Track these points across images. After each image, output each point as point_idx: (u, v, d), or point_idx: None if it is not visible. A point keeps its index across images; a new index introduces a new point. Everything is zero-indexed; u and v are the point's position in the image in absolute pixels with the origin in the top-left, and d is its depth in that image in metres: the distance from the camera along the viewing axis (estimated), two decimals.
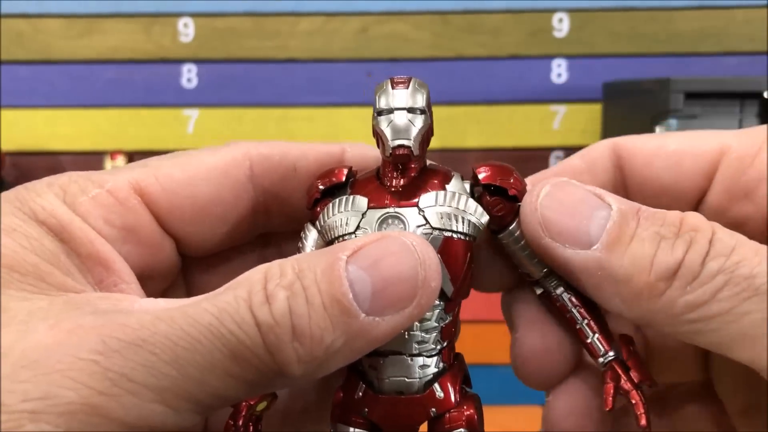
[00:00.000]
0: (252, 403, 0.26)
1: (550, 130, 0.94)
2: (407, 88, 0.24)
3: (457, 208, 0.24)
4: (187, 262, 0.29)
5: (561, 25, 0.92)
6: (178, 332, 0.20)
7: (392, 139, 0.24)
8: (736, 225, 0.23)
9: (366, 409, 0.25)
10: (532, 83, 0.93)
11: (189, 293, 0.29)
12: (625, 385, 0.25)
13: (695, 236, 0.22)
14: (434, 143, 0.26)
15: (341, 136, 0.92)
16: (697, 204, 0.26)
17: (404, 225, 0.24)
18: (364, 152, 0.27)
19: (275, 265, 0.21)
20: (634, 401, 0.24)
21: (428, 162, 0.26)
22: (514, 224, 0.25)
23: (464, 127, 0.92)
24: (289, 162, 0.27)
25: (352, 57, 0.91)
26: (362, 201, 0.25)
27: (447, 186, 0.25)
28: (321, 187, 0.26)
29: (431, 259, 0.22)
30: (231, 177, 0.27)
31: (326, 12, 0.92)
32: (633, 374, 0.25)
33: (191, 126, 0.93)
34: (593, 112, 0.93)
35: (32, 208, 0.23)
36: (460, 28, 0.92)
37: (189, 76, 0.93)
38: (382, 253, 0.21)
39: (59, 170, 0.26)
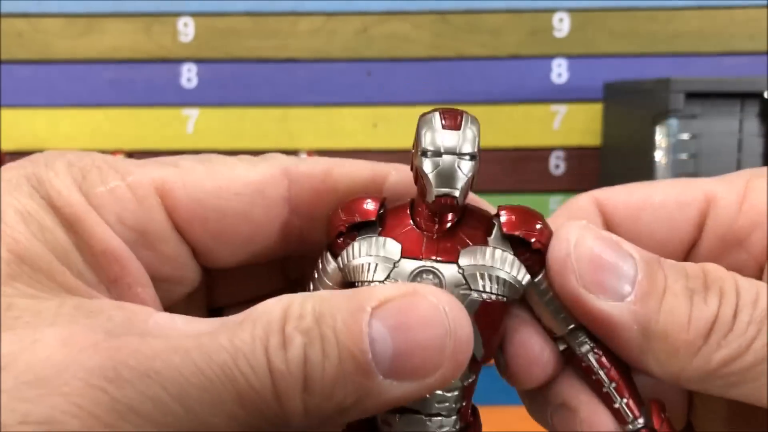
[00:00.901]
0: None
1: (551, 130, 0.94)
2: (459, 128, 0.22)
3: (500, 269, 0.22)
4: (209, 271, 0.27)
5: (561, 25, 0.92)
6: (191, 368, 0.19)
7: (437, 187, 0.21)
8: None
9: None
10: (533, 83, 0.93)
11: (209, 298, 0.28)
12: None
13: (724, 287, 0.22)
14: None
15: (341, 136, 0.92)
16: (687, 255, 0.26)
17: (440, 282, 0.22)
18: (408, 177, 0.24)
19: (296, 303, 0.20)
20: None
21: (467, 204, 0.24)
22: (539, 276, 0.23)
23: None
24: (331, 183, 0.25)
25: (352, 57, 0.91)
26: (395, 248, 0.22)
27: (489, 239, 0.23)
28: (347, 221, 0.23)
29: (463, 328, 0.20)
30: (265, 196, 0.24)
31: (326, 12, 0.91)
32: None
33: (191, 126, 0.93)
34: (593, 112, 0.93)
35: (48, 191, 0.22)
36: (460, 27, 0.92)
37: (189, 75, 0.93)
38: (410, 313, 0.20)
39: None
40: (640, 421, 0.23)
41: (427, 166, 0.21)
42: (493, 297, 0.22)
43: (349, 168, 0.25)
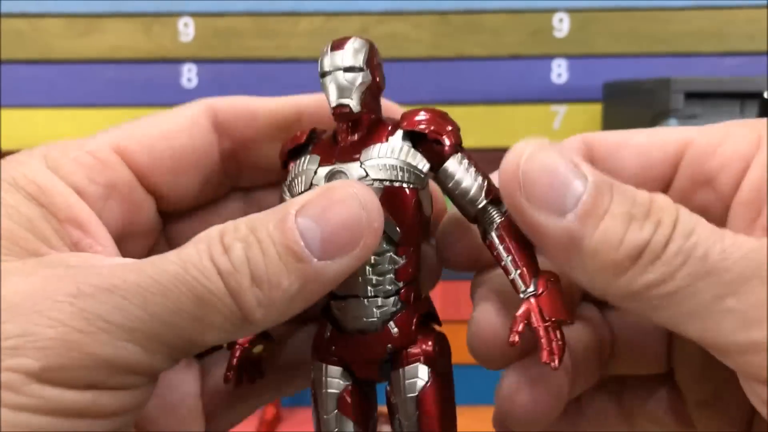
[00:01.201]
0: (245, 345, 0.29)
1: (551, 130, 0.94)
2: (344, 48, 0.26)
3: (397, 158, 0.25)
4: (169, 224, 0.30)
5: (561, 25, 0.92)
6: (147, 280, 0.21)
7: (331, 100, 0.25)
8: (699, 212, 0.23)
9: (333, 347, 0.27)
10: (533, 83, 0.93)
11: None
12: (535, 321, 0.24)
13: (662, 217, 0.22)
14: None
15: None
16: (664, 191, 0.27)
17: (348, 179, 0.25)
18: (322, 101, 0.28)
19: (229, 223, 0.23)
20: (540, 337, 0.24)
21: (385, 117, 0.27)
22: (448, 161, 0.26)
23: (464, 127, 0.91)
24: (251, 110, 0.30)
25: None
26: (315, 159, 0.26)
27: (391, 138, 0.26)
28: (283, 150, 0.28)
29: (372, 203, 0.24)
30: (199, 125, 0.29)
31: (326, 12, 0.92)
32: (546, 310, 0.24)
33: None
34: (593, 112, 0.93)
35: (12, 175, 0.25)
36: (460, 28, 0.92)
37: (189, 75, 0.93)
38: (328, 203, 0.23)
39: None
40: (530, 289, 0.25)
41: (323, 85, 0.26)
42: (395, 184, 0.25)
43: (266, 98, 0.30)
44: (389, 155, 0.26)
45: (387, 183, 0.25)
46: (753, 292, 0.21)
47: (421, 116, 0.26)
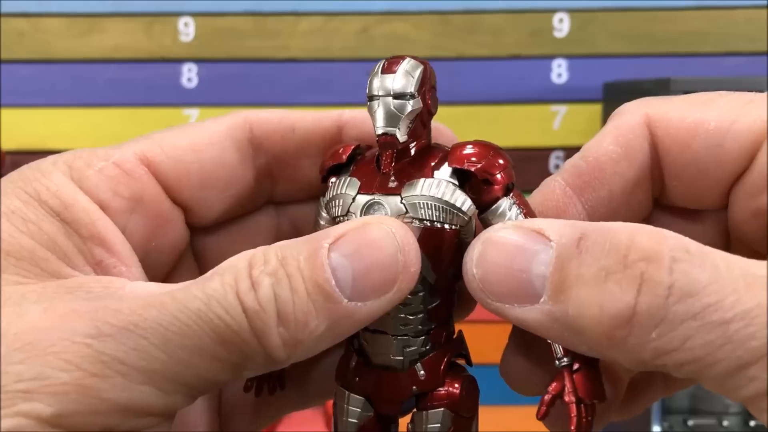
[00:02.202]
0: None
1: (551, 131, 0.94)
2: (395, 72, 0.24)
3: (440, 198, 0.24)
4: (197, 237, 0.29)
5: (561, 25, 0.92)
6: (168, 318, 0.20)
7: (377, 126, 0.24)
8: None
9: (357, 378, 0.26)
10: (533, 83, 0.93)
11: (200, 269, 0.30)
12: (567, 396, 0.23)
13: (647, 270, 0.19)
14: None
15: None
16: (733, 184, 0.25)
17: (386, 212, 0.24)
18: (363, 118, 0.27)
19: (259, 252, 0.22)
20: (570, 413, 0.23)
21: (434, 143, 0.26)
22: (496, 204, 0.24)
23: (464, 127, 0.92)
24: (288, 123, 0.28)
25: (353, 57, 0.91)
26: (355, 184, 0.25)
27: (436, 173, 0.24)
28: (325, 166, 0.26)
29: (410, 245, 0.22)
30: (233, 139, 0.27)
31: (327, 12, 0.92)
32: (580, 388, 0.23)
33: None
34: (593, 112, 0.93)
35: (36, 188, 0.24)
36: (460, 28, 0.92)
37: (189, 75, 0.93)
38: (363, 240, 0.22)
39: None
40: (565, 360, 0.23)
41: (370, 108, 0.24)
42: (436, 224, 0.24)
43: (302, 112, 0.28)
44: (433, 193, 0.24)
45: (427, 223, 0.24)
46: None
47: (472, 150, 0.24)
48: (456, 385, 0.25)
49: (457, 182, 0.24)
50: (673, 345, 0.19)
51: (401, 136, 0.24)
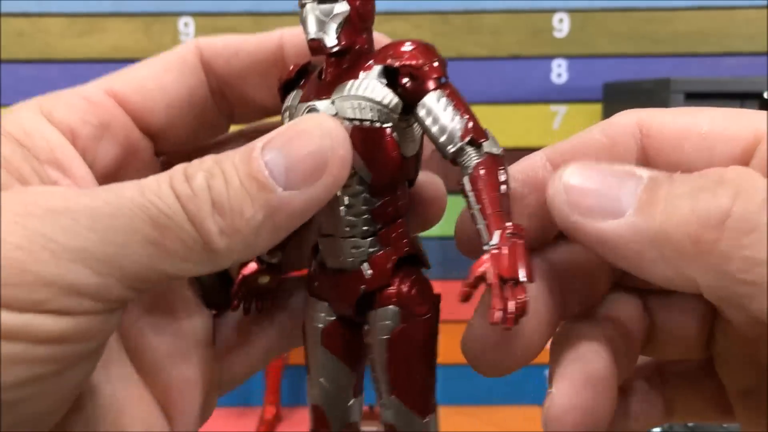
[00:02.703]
0: (250, 274, 0.29)
1: (550, 131, 0.94)
2: None
3: (364, 96, 0.24)
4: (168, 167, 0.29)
5: (561, 25, 0.92)
6: (99, 203, 0.21)
7: (307, 32, 0.24)
8: None
9: (316, 283, 0.27)
10: (533, 83, 0.93)
11: None
12: (489, 277, 0.22)
13: (742, 184, 0.20)
14: None
15: None
16: None
17: None
18: (301, 37, 0.27)
19: (196, 159, 0.23)
20: (493, 295, 0.22)
21: (375, 50, 0.26)
22: (425, 98, 0.24)
23: None
24: (232, 47, 0.29)
25: None
26: (299, 95, 0.26)
27: (366, 73, 0.25)
28: (281, 83, 0.27)
29: (337, 131, 0.23)
30: (187, 63, 0.29)
31: None
32: (502, 267, 0.22)
33: None
34: (593, 112, 0.93)
35: (4, 123, 0.25)
36: (460, 28, 0.92)
37: None
38: (292, 133, 0.23)
39: None
40: (492, 242, 0.23)
41: (301, 16, 0.25)
42: (364, 123, 0.24)
43: (245, 35, 0.30)
44: (359, 93, 0.24)
45: (356, 122, 0.24)
46: None
47: (402, 49, 0.25)
48: (407, 283, 0.26)
49: (386, 81, 0.25)
50: (765, 254, 0.18)
51: (330, 40, 0.24)
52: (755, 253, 0.18)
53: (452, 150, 0.24)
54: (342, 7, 0.24)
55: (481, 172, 0.24)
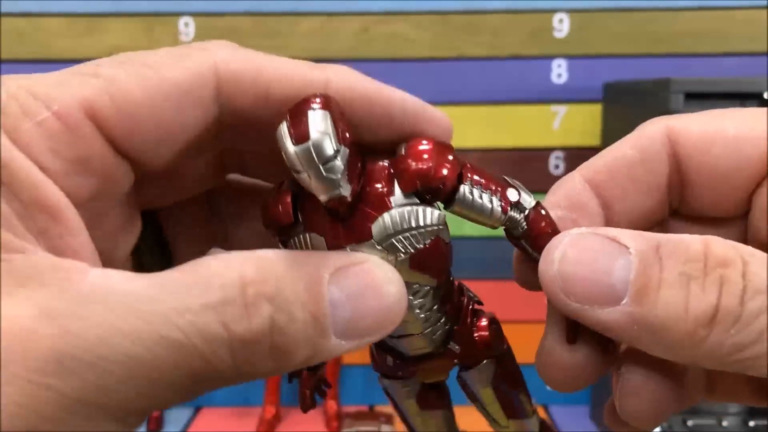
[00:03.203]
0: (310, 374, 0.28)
1: (550, 131, 0.94)
2: (309, 137, 0.20)
3: (410, 227, 0.23)
4: (145, 186, 0.25)
5: (561, 25, 0.92)
6: (141, 352, 0.18)
7: (320, 195, 0.22)
8: None
9: (400, 372, 0.28)
10: (533, 83, 0.93)
11: (142, 200, 0.27)
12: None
13: (725, 273, 0.21)
14: None
15: None
16: (754, 190, 0.25)
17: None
18: (351, 84, 0.24)
19: (251, 264, 0.20)
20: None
21: (368, 158, 0.24)
22: (455, 199, 0.24)
23: (464, 127, 0.92)
24: (262, 85, 0.24)
25: (353, 57, 0.91)
26: (321, 241, 0.23)
27: (393, 200, 0.23)
28: (273, 226, 0.24)
29: (400, 287, 0.22)
30: (195, 96, 0.23)
31: (327, 12, 0.92)
32: None
33: None
34: (593, 112, 0.93)
35: None
36: (460, 28, 0.92)
37: None
38: (366, 282, 0.21)
39: None
40: None
41: (301, 180, 0.21)
42: (418, 247, 0.23)
43: (282, 70, 0.24)
44: (403, 227, 0.23)
45: (411, 250, 0.23)
46: None
47: (414, 165, 0.23)
48: (483, 329, 0.27)
49: (416, 199, 0.24)
50: (751, 338, 0.21)
51: (346, 192, 0.22)
52: (742, 338, 0.21)
53: (501, 224, 0.25)
54: (344, 155, 0.21)
55: (533, 225, 0.25)
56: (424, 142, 0.24)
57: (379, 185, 0.24)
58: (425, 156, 0.24)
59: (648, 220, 0.27)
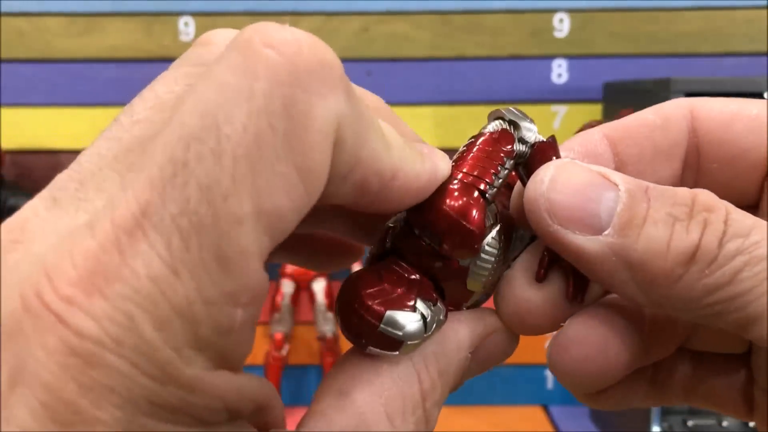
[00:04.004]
0: None
1: (551, 131, 0.94)
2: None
3: (484, 266, 0.23)
4: None
5: (561, 25, 0.92)
6: None
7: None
8: None
9: None
10: (533, 83, 0.93)
11: None
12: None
13: (709, 217, 0.21)
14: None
15: None
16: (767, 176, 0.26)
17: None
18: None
19: (397, 396, 0.21)
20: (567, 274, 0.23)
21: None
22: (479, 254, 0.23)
23: (464, 127, 0.92)
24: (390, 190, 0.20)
25: (353, 56, 0.91)
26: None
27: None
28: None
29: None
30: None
31: (326, 11, 0.92)
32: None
33: None
34: (594, 112, 0.93)
35: None
36: (460, 28, 0.92)
37: None
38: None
39: (59, 169, 0.25)
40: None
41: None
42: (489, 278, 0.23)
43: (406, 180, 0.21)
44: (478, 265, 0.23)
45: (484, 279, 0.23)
46: None
47: (451, 237, 0.22)
48: None
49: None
50: (724, 280, 0.21)
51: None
52: (716, 279, 0.21)
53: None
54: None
55: (536, 151, 0.24)
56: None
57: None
58: (450, 220, 0.22)
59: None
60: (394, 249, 0.23)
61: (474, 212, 0.22)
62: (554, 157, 0.24)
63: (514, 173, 0.24)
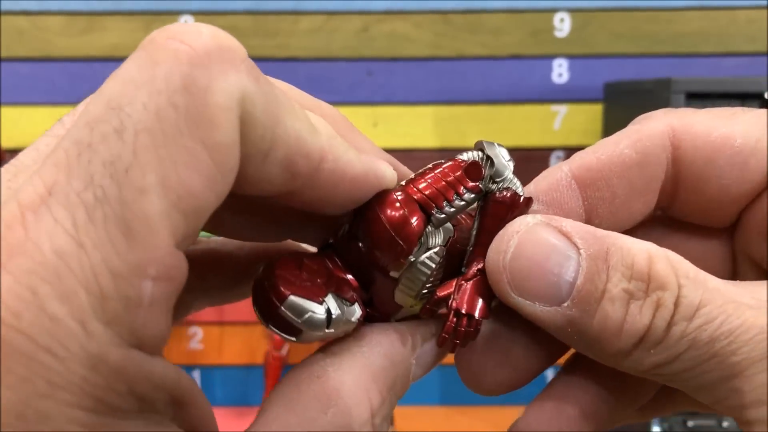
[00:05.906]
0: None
1: (551, 130, 0.94)
2: None
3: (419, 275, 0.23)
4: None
5: (562, 24, 0.92)
6: None
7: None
8: None
9: None
10: (533, 83, 0.93)
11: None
12: (451, 302, 0.23)
13: (662, 297, 0.22)
14: (435, 143, 0.25)
15: None
16: (753, 201, 0.25)
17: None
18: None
19: (376, 395, 0.22)
20: (447, 321, 0.23)
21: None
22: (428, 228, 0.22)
23: (464, 127, 0.92)
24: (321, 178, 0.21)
25: (353, 56, 0.91)
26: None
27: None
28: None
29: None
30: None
31: (327, 11, 0.91)
32: (463, 299, 0.23)
33: None
34: (594, 112, 0.93)
35: None
36: (461, 27, 0.92)
37: None
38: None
39: None
40: (464, 270, 0.24)
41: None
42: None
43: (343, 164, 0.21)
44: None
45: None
46: (759, 375, 0.21)
47: (387, 251, 0.22)
48: None
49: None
50: (668, 360, 0.22)
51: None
52: (661, 359, 0.22)
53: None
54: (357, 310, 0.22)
55: (499, 204, 0.23)
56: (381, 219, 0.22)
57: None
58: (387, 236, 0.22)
59: (631, 220, 0.26)
60: (336, 246, 0.23)
61: (407, 226, 0.22)
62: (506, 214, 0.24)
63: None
